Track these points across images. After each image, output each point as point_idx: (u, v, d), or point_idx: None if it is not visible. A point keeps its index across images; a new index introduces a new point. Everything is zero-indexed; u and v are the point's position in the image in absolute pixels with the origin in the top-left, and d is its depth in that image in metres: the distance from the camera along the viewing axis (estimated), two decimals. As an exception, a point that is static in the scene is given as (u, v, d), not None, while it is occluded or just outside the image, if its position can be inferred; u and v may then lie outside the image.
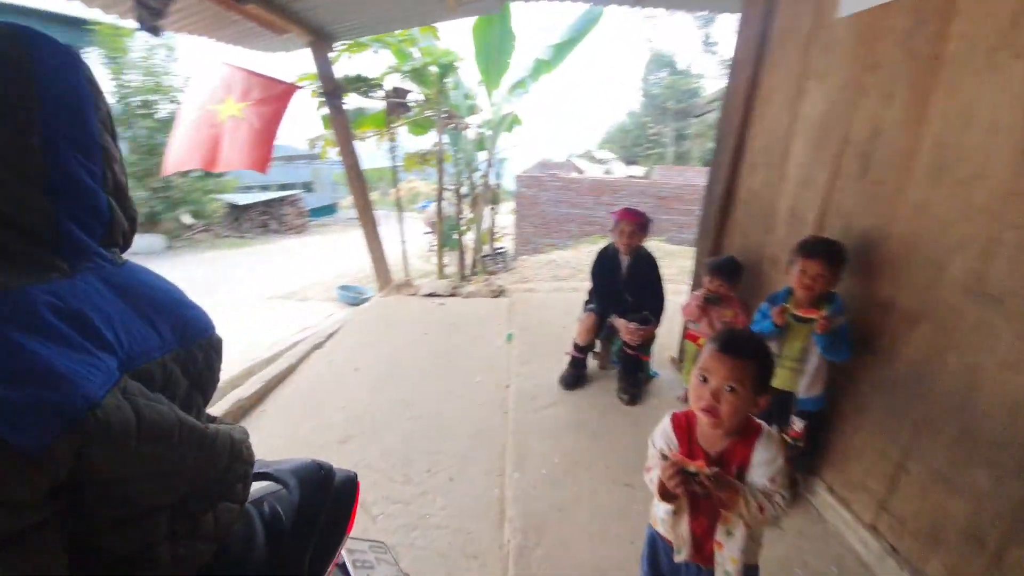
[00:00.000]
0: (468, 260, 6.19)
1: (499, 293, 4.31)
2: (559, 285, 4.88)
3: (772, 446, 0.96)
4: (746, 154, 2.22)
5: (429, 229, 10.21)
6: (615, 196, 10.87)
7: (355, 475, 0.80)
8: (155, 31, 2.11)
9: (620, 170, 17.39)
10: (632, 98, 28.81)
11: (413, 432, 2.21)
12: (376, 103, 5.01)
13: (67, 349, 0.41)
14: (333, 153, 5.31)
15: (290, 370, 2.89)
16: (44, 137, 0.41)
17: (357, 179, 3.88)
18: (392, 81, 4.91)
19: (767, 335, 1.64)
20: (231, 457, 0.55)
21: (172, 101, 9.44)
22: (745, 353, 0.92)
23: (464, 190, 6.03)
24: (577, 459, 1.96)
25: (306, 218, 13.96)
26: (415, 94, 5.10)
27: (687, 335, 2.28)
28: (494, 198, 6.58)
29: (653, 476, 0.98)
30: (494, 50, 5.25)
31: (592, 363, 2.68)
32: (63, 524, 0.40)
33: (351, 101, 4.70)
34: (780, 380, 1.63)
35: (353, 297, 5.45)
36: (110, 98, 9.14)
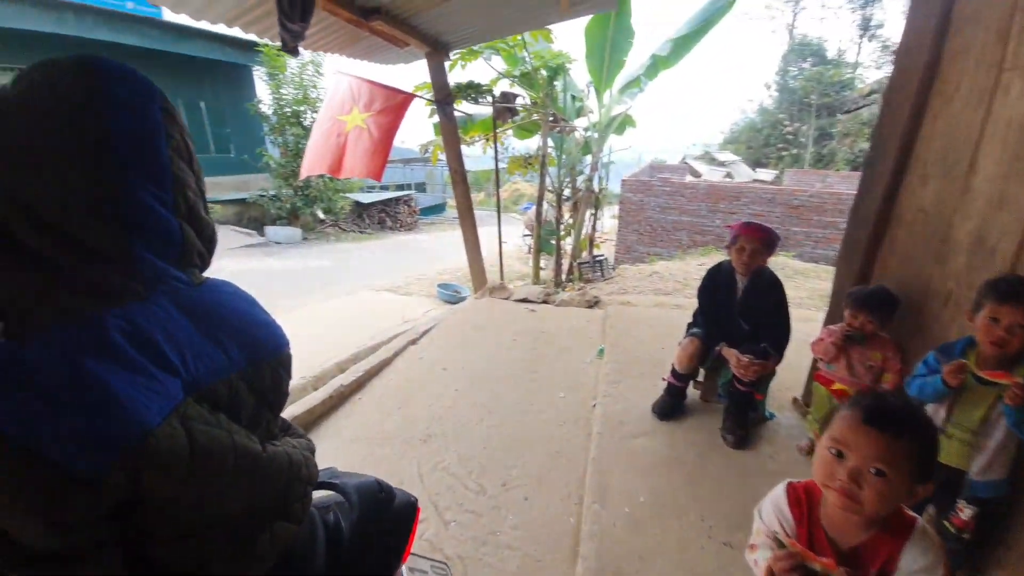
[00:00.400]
0: (564, 266, 6.12)
1: (594, 304, 4.17)
2: (661, 300, 4.56)
3: (931, 551, 0.74)
4: (914, 161, 1.80)
5: (528, 231, 10.36)
6: (736, 203, 9.89)
7: (415, 500, 0.79)
8: (294, 51, 2.42)
9: (744, 173, 15.80)
10: (765, 93, 25.92)
11: (492, 440, 2.22)
12: (484, 108, 5.20)
13: (132, 374, 0.43)
14: (443, 157, 5.66)
15: (386, 363, 3.11)
16: (115, 168, 0.43)
17: (461, 182, 4.05)
18: (501, 87, 5.06)
19: (931, 395, 1.30)
20: (289, 478, 0.56)
21: (314, 111, 10.94)
22: (902, 429, 0.71)
23: (566, 193, 5.98)
24: (667, 502, 1.77)
25: (417, 216, 15.13)
26: (523, 98, 5.19)
27: (817, 376, 1.93)
28: (596, 202, 6.41)
29: (759, 560, 0.81)
30: (608, 48, 5.10)
31: (693, 393, 2.42)
32: (121, 541, 0.42)
33: (461, 108, 4.94)
34: (946, 454, 1.28)
35: (451, 295, 5.73)
36: (267, 109, 10.89)
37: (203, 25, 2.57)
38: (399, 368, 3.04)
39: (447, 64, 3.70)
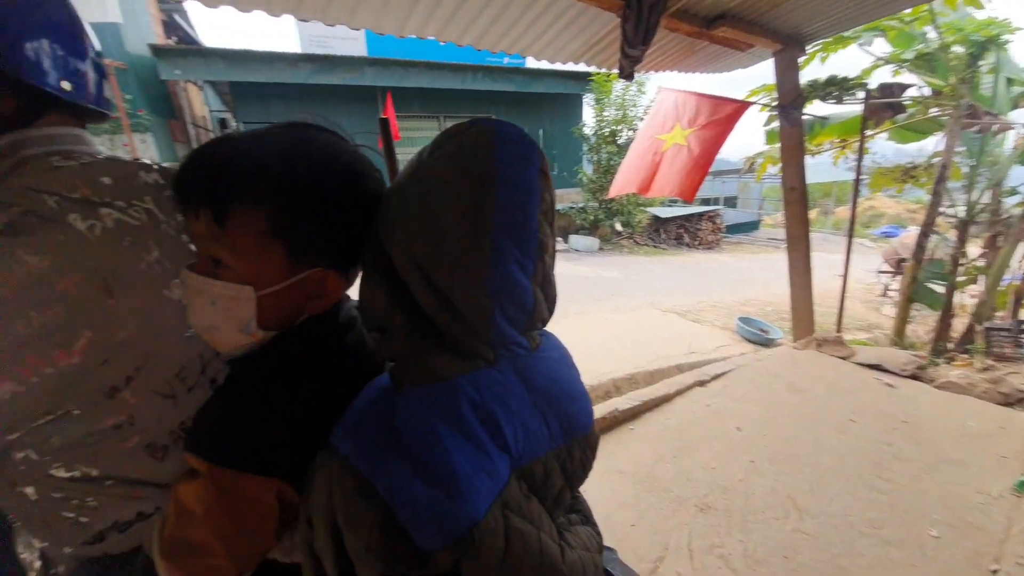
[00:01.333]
0: (956, 328, 4.11)
1: (1014, 400, 2.67)
2: None
3: None
4: None
5: (890, 267, 7.82)
6: None
7: None
8: (630, 76, 2.50)
9: None
10: None
11: (799, 553, 1.70)
12: (847, 108, 4.12)
13: (473, 450, 0.44)
14: (771, 170, 4.87)
15: (666, 398, 2.90)
16: (493, 236, 0.44)
17: (798, 202, 3.35)
18: (880, 77, 3.87)
19: None
20: None
21: (631, 129, 11.64)
22: None
23: (978, 219, 3.94)
24: None
25: (720, 234, 13.94)
26: (918, 88, 3.80)
27: None
28: (1033, 237, 4.01)
29: None
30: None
31: None
32: None
33: (811, 111, 4.07)
34: None
35: (754, 333, 4.92)
36: (588, 131, 12.30)
37: (556, 66, 3.02)
38: (680, 409, 2.78)
39: (800, 60, 3.11)
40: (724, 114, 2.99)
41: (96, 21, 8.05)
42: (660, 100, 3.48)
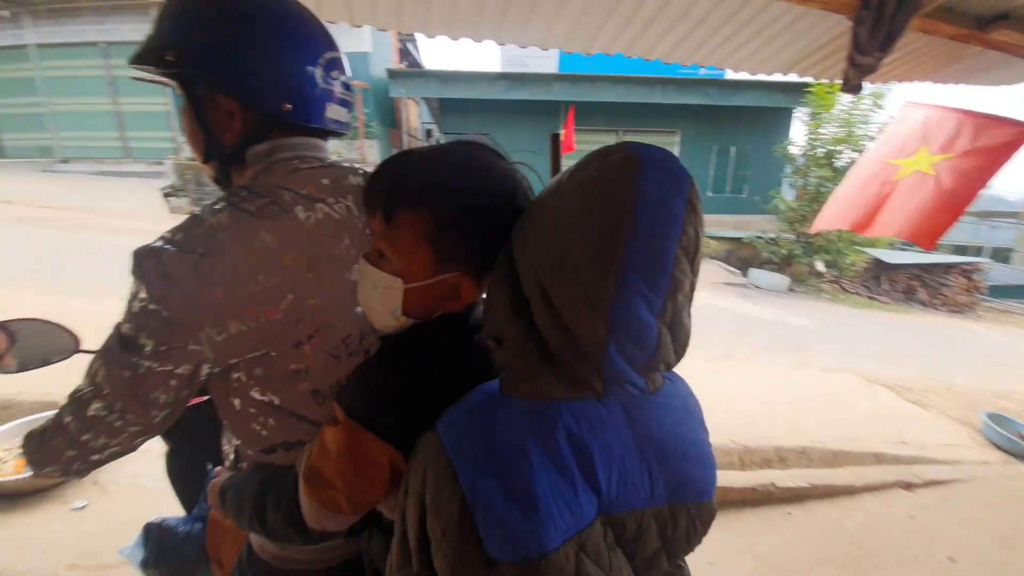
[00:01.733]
0: None
1: None
2: None
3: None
4: None
5: None
6: None
7: None
8: (856, 89, 2.09)
9: None
10: None
11: None
12: None
13: (558, 478, 0.44)
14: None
15: (849, 490, 2.34)
16: (621, 267, 0.42)
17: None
18: None
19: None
20: None
21: (854, 150, 9.68)
22: None
23: None
24: None
25: (978, 295, 10.66)
26: None
27: None
28: None
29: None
30: None
31: None
32: None
33: None
34: None
35: (1008, 439, 3.61)
36: (795, 150, 10.71)
37: (758, 77, 2.72)
38: (866, 510, 2.22)
39: None
40: (999, 139, 2.26)
41: (352, 51, 10.31)
42: (903, 117, 2.82)
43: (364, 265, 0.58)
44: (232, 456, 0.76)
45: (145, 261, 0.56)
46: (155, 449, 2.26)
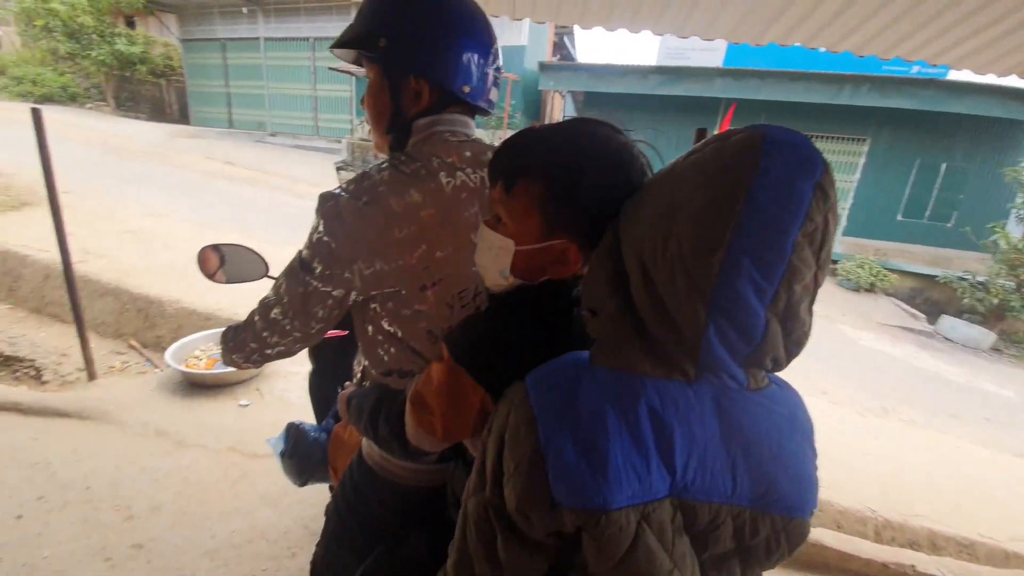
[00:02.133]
0: None
1: None
2: None
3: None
4: None
5: None
6: None
7: None
8: None
9: None
10: None
11: None
12: None
13: (632, 449, 0.45)
14: None
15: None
16: (729, 249, 0.41)
17: None
18: None
19: None
20: None
21: None
22: None
23: None
24: None
25: None
26: None
27: None
28: None
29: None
30: None
31: None
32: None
33: None
34: None
35: None
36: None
37: (988, 79, 2.22)
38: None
39: None
40: None
41: (508, 44, 10.81)
42: None
43: (483, 228, 0.66)
44: (359, 374, 0.92)
45: (325, 203, 0.72)
46: (300, 372, 2.72)
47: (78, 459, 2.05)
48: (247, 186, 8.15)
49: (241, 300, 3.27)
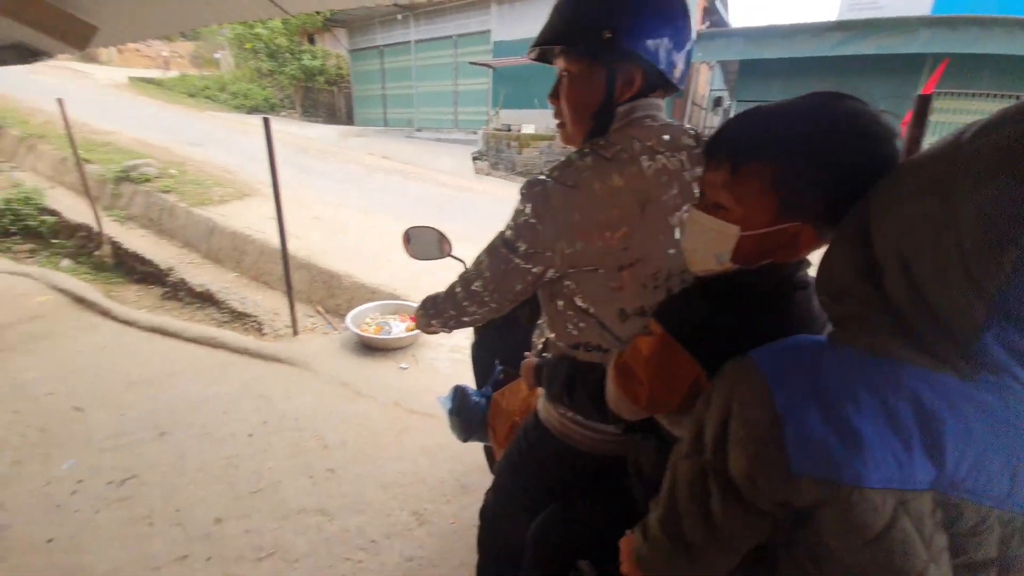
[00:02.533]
0: None
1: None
2: None
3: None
4: None
5: None
6: None
7: None
8: None
9: None
10: None
11: None
12: None
13: (888, 432, 0.43)
14: None
15: None
16: (1006, 247, 0.37)
17: None
18: None
19: None
20: None
21: None
22: None
23: None
24: None
25: None
26: None
27: None
28: None
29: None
30: None
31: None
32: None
33: None
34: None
35: None
36: None
37: None
38: None
39: None
40: None
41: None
42: None
43: (695, 212, 0.64)
44: (540, 346, 1.00)
45: (532, 188, 0.79)
46: (446, 344, 3.03)
47: (289, 396, 2.61)
48: (400, 177, 9.16)
49: (400, 280, 3.77)
